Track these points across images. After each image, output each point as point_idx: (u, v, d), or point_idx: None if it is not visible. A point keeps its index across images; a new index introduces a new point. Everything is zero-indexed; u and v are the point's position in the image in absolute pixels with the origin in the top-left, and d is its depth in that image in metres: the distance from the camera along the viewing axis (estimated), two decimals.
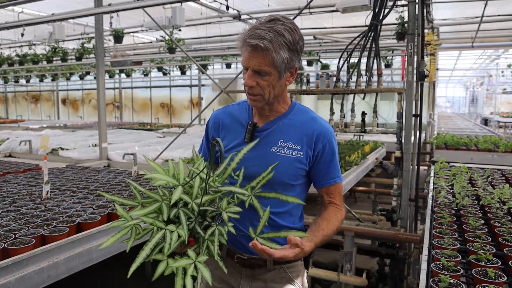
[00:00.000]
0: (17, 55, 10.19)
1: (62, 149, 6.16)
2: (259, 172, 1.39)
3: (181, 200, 1.25)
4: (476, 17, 6.49)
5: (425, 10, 4.00)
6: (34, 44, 9.27)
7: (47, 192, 2.71)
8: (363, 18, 4.38)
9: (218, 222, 1.29)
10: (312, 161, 1.47)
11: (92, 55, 9.07)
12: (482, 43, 8.49)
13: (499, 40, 8.52)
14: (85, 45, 8.80)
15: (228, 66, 11.51)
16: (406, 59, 3.70)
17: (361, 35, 4.05)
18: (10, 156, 5.44)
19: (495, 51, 13.73)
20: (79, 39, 8.79)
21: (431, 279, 1.49)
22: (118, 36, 7.33)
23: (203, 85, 15.34)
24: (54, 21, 5.78)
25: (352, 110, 4.26)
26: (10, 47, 10.39)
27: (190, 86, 15.56)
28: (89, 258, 2.10)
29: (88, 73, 13.39)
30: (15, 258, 1.75)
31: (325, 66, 10.23)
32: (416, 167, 3.85)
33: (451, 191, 2.81)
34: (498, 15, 6.73)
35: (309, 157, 1.46)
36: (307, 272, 1.62)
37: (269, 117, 1.48)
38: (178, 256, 1.17)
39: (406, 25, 5.12)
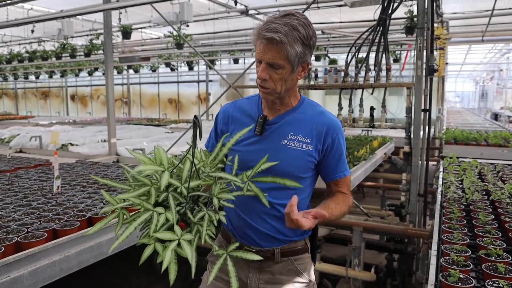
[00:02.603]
0: (27, 52, 10.26)
1: (71, 144, 6.21)
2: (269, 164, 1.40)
3: (172, 185, 1.25)
4: (487, 11, 6.40)
5: (434, 4, 3.96)
6: (44, 41, 9.32)
7: (58, 187, 2.75)
8: (372, 13, 4.34)
9: (211, 208, 1.30)
10: (321, 154, 1.48)
11: (100, 51, 9.11)
12: (492, 37, 8.37)
13: (510, 34, 8.40)
14: (94, 41, 8.83)
15: (236, 61, 11.48)
16: (409, 53, 3.68)
17: (370, 30, 4.02)
18: (21, 151, 5.51)
19: (506, 45, 13.54)
20: (87, 35, 8.82)
21: (441, 274, 1.49)
22: (126, 32, 7.34)
23: (210, 81, 15.34)
24: (63, 17, 5.82)
25: (361, 105, 4.24)
26: (20, 44, 10.46)
27: (198, 81, 15.58)
28: (100, 252, 2.13)
29: (96, 69, 13.44)
30: (28, 251, 1.78)
31: (333, 61, 10.17)
32: (425, 162, 3.83)
33: (461, 186, 2.79)
34: (510, 8, 6.63)
35: (318, 150, 1.47)
36: (314, 265, 1.64)
37: (279, 111, 1.50)
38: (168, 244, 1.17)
39: (415, 19, 5.07)
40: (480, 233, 1.87)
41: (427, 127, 3.76)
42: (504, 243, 1.75)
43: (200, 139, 1.30)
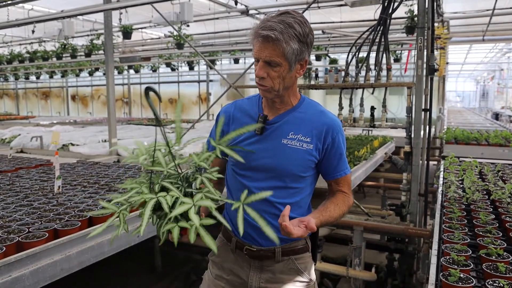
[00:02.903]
0: (28, 52, 10.27)
1: (72, 144, 6.23)
2: (270, 164, 1.41)
3: (160, 177, 1.28)
4: (487, 10, 6.39)
5: (435, 3, 3.96)
6: (44, 41, 9.32)
7: (59, 187, 2.75)
8: (372, 12, 4.34)
9: (204, 171, 1.31)
10: (321, 153, 1.49)
11: (101, 51, 9.11)
12: (493, 36, 8.37)
13: (510, 34, 8.39)
14: (94, 41, 8.84)
15: (236, 61, 11.49)
16: (411, 52, 3.68)
17: (370, 29, 4.02)
18: (21, 151, 5.51)
19: (506, 45, 13.54)
20: (88, 35, 8.83)
21: (441, 273, 1.49)
22: (126, 32, 7.35)
23: (211, 81, 15.36)
24: (64, 17, 5.81)
25: (361, 105, 4.24)
26: (20, 44, 10.47)
27: (198, 81, 15.59)
28: (101, 251, 2.13)
29: (97, 69, 13.45)
30: (29, 251, 1.79)
31: (333, 61, 10.17)
32: (425, 161, 3.83)
33: (461, 186, 2.79)
34: (510, 8, 6.62)
35: (318, 149, 1.48)
36: (314, 264, 1.64)
37: (279, 110, 1.50)
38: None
39: (415, 18, 5.07)
40: (481, 233, 1.87)
41: (427, 126, 3.76)
42: (504, 242, 1.75)
43: (160, 102, 1.32)
